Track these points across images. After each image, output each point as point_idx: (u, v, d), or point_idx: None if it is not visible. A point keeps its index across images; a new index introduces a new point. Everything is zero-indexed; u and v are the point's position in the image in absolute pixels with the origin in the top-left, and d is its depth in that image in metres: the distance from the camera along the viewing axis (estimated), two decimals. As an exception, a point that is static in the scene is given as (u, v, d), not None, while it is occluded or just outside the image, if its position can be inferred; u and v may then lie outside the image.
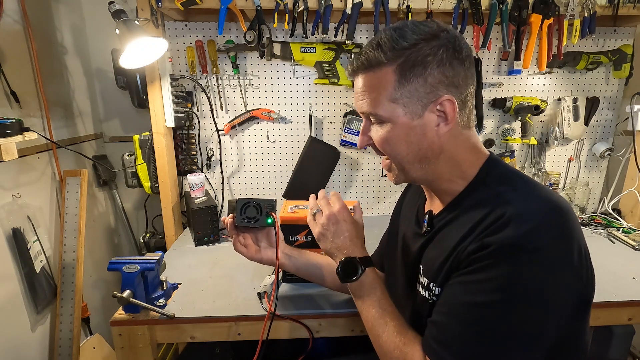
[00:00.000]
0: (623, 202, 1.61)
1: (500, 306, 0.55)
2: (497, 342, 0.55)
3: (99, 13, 1.54)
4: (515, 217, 0.56)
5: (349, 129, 1.54)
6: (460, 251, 0.60)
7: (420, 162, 0.66)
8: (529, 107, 1.52)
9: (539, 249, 0.54)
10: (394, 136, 0.65)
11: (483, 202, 0.62)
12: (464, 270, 0.59)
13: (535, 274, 0.54)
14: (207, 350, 1.38)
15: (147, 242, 1.65)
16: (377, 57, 0.62)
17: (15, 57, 1.21)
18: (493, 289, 0.55)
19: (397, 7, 1.31)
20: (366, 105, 0.66)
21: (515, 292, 0.54)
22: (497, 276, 0.55)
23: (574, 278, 0.56)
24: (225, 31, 1.46)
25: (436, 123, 0.64)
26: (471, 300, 0.57)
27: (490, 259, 0.56)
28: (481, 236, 0.58)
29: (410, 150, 0.65)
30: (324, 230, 0.78)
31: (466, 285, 0.58)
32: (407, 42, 0.61)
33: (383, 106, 0.64)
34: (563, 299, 0.56)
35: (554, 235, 0.55)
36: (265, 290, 1.03)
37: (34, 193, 1.27)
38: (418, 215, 0.78)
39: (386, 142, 0.66)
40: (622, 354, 1.36)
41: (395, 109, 0.63)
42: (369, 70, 0.64)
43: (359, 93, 0.67)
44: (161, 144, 1.42)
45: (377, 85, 0.63)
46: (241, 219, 0.86)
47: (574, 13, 1.36)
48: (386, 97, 0.63)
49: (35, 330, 1.26)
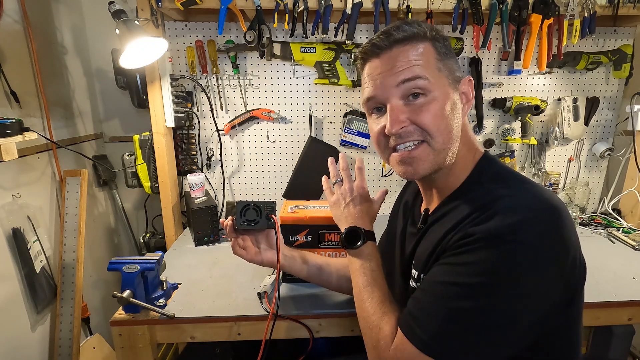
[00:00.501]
0: (623, 202, 1.61)
1: (476, 289, 0.55)
2: (468, 323, 0.55)
3: (99, 13, 1.54)
4: (502, 211, 0.56)
5: (349, 129, 1.54)
6: (446, 242, 0.61)
7: (454, 144, 0.65)
8: (529, 107, 1.52)
9: (523, 242, 0.54)
10: (444, 109, 0.63)
11: (475, 198, 0.62)
12: (446, 254, 0.60)
13: (516, 265, 0.54)
14: (207, 350, 1.38)
15: (147, 242, 1.65)
16: (417, 31, 0.63)
17: (15, 57, 1.21)
18: (472, 272, 0.56)
19: (397, 7, 1.31)
20: (413, 70, 0.62)
21: (493, 278, 0.55)
22: (477, 261, 0.55)
23: (557, 275, 0.56)
24: (225, 31, 1.46)
25: (462, 102, 0.67)
26: (448, 280, 0.58)
27: (471, 245, 0.56)
28: (466, 227, 0.58)
29: (456, 125, 0.65)
30: (340, 197, 0.83)
31: (446, 266, 0.60)
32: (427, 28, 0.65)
33: (432, 72, 0.63)
34: (543, 293, 0.56)
35: (539, 231, 0.55)
36: (265, 290, 1.03)
37: (34, 193, 1.27)
38: (414, 215, 0.79)
39: (439, 115, 0.63)
40: (622, 354, 1.37)
41: (441, 78, 0.64)
42: (409, 42, 0.63)
43: (400, 62, 0.62)
44: (161, 144, 1.42)
45: (423, 53, 0.63)
46: (241, 221, 0.85)
47: (574, 13, 1.36)
48: (434, 65, 0.64)
49: (35, 330, 1.26)
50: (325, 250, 1.11)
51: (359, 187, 0.85)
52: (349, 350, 1.06)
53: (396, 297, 0.79)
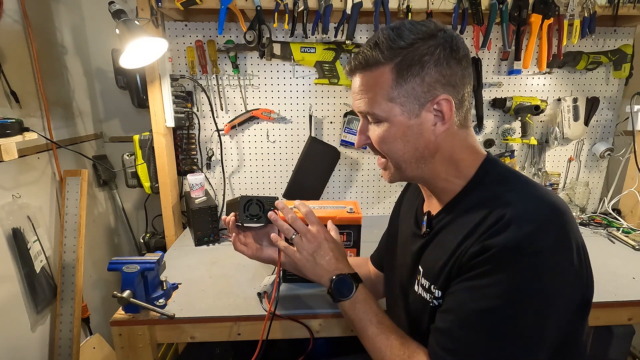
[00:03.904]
0: (623, 202, 1.61)
1: (505, 311, 0.55)
2: (505, 345, 0.55)
3: (99, 13, 1.54)
4: (515, 219, 0.56)
5: (349, 129, 1.54)
6: (461, 254, 0.60)
7: (417, 161, 0.67)
8: (529, 107, 1.52)
9: (540, 251, 0.54)
10: (391, 135, 0.65)
11: (482, 203, 0.62)
12: (466, 275, 0.59)
13: (538, 277, 0.54)
14: (207, 350, 1.38)
15: (147, 242, 1.65)
16: (375, 56, 0.62)
17: (15, 57, 1.21)
18: (497, 294, 0.55)
19: (397, 7, 1.31)
20: (363, 104, 0.66)
21: (519, 296, 0.54)
22: (500, 281, 0.55)
23: (576, 279, 0.56)
24: (225, 31, 1.46)
25: (433, 122, 0.64)
26: (477, 307, 0.57)
27: (492, 262, 0.56)
28: (482, 239, 0.57)
29: (407, 149, 0.66)
30: (307, 253, 0.76)
31: (470, 291, 0.58)
32: (405, 42, 0.61)
33: (380, 105, 0.64)
34: (566, 299, 0.56)
35: (554, 237, 0.55)
36: (265, 290, 1.03)
37: (34, 193, 1.27)
38: (417, 216, 0.78)
39: (383, 141, 0.67)
40: (622, 354, 1.36)
41: (392, 108, 0.63)
42: (367, 70, 0.64)
43: (356, 92, 0.67)
44: (161, 144, 1.42)
45: (374, 84, 0.64)
46: (244, 216, 0.86)
47: (574, 13, 1.36)
48: (383, 97, 0.63)
49: (35, 330, 1.26)
50: (325, 250, 1.10)
51: (319, 231, 0.78)
52: (349, 350, 1.06)
53: (397, 298, 0.79)
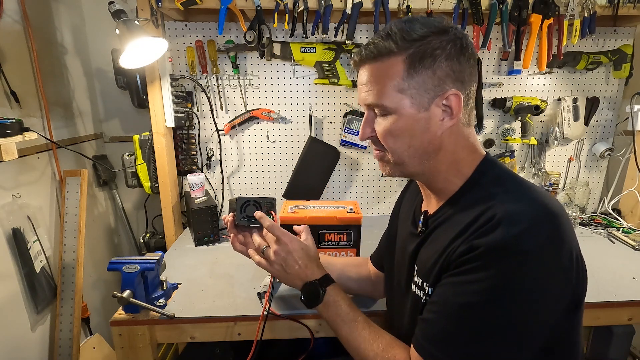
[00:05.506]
0: (623, 202, 1.61)
1: (489, 307, 0.56)
2: (485, 342, 0.56)
3: (99, 13, 1.54)
4: (504, 220, 0.56)
5: (349, 129, 1.54)
6: (451, 252, 0.61)
7: (420, 157, 0.67)
8: (529, 107, 1.52)
9: (528, 252, 0.54)
10: (398, 128, 0.65)
11: (476, 202, 0.62)
12: (454, 271, 0.60)
13: (523, 276, 0.54)
14: (207, 350, 1.38)
15: (147, 242, 1.65)
16: (387, 46, 0.62)
17: (15, 57, 1.21)
18: (482, 290, 0.56)
19: (397, 7, 1.31)
20: (371, 96, 0.65)
21: (504, 294, 0.55)
22: (484, 278, 0.56)
23: (563, 281, 0.57)
24: (225, 31, 1.46)
25: (441, 117, 0.64)
26: (461, 301, 0.58)
27: (479, 260, 0.56)
28: (471, 238, 0.58)
29: (412, 143, 0.65)
30: (280, 264, 0.78)
31: (456, 285, 0.59)
32: (417, 34, 0.61)
33: (390, 96, 0.63)
34: (552, 301, 0.56)
35: (543, 238, 0.55)
36: (265, 291, 1.03)
37: (34, 193, 1.27)
38: (415, 216, 0.78)
39: (389, 133, 0.66)
40: (622, 354, 1.37)
41: (402, 100, 0.63)
42: (377, 60, 0.63)
43: (364, 84, 0.66)
44: (161, 144, 1.42)
45: (385, 75, 0.63)
46: (241, 217, 0.86)
47: (574, 13, 1.36)
48: (393, 88, 0.63)
49: (35, 330, 1.26)
50: (325, 250, 1.11)
51: (286, 239, 0.79)
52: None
53: (397, 299, 0.80)
